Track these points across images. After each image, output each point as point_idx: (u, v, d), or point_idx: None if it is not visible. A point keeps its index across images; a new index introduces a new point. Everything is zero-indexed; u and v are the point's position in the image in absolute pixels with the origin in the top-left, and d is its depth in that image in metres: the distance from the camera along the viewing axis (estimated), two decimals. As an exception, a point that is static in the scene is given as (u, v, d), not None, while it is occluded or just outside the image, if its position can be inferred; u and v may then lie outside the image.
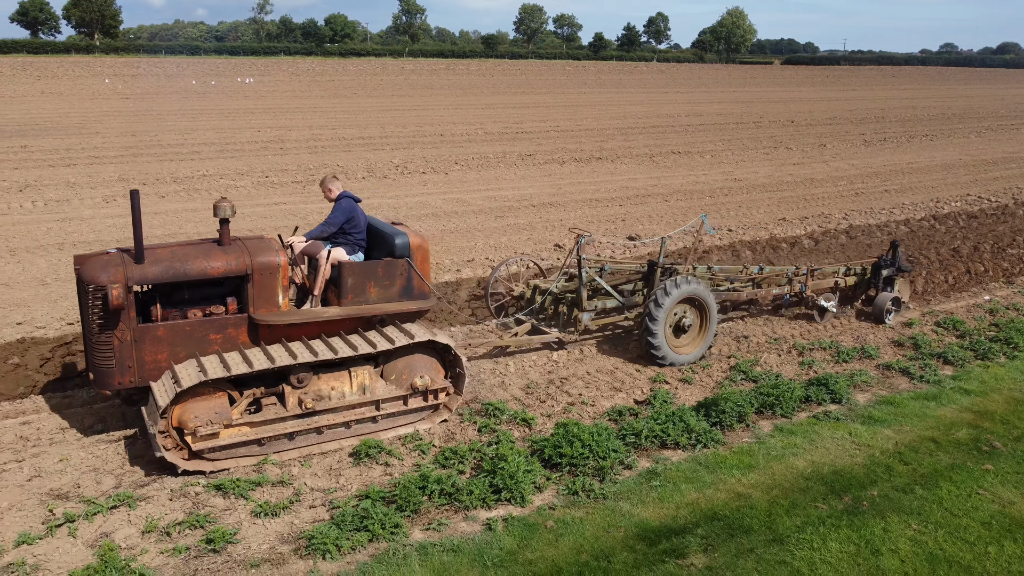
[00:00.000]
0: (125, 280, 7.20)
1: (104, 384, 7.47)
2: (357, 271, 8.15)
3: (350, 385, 7.81)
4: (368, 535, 6.36)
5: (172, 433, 7.13)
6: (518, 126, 37.62)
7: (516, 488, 6.98)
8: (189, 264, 7.51)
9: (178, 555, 6.16)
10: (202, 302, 7.80)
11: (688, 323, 10.10)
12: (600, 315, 10.49)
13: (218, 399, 7.26)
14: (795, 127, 40.70)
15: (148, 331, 7.39)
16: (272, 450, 7.56)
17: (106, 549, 6.02)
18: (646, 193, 22.02)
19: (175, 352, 7.48)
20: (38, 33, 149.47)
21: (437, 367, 8.31)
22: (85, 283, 7.20)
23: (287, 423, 7.58)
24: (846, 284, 12.16)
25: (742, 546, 6.42)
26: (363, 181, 22.52)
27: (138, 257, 7.33)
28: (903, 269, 12.23)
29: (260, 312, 7.74)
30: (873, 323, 11.82)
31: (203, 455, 7.26)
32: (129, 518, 6.63)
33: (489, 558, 6.19)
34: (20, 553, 6.13)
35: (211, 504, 6.85)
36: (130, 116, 38.02)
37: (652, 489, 7.21)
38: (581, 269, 10.15)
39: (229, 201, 7.70)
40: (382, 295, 8.26)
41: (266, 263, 7.70)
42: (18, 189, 19.80)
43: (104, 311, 7.14)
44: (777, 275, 11.77)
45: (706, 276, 10.96)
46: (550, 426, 8.40)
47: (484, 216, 18.47)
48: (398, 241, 8.31)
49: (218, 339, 7.65)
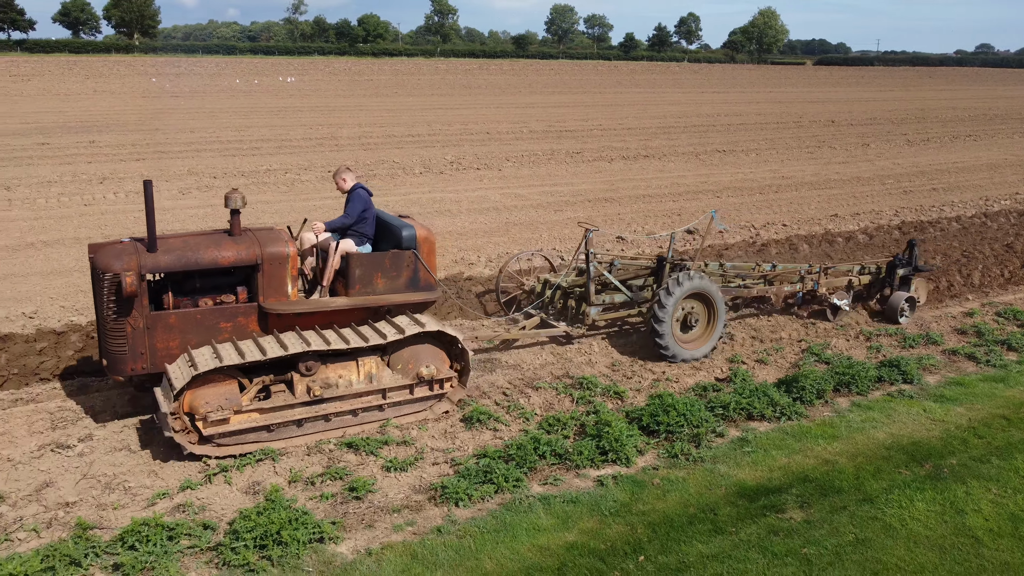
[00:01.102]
0: (138, 268, 7.34)
1: (117, 370, 7.63)
2: (365, 262, 8.30)
3: (357, 374, 7.96)
4: (494, 487, 7.03)
5: (183, 417, 7.27)
6: (561, 125, 38.20)
7: (621, 450, 7.61)
8: (200, 253, 7.67)
9: (325, 501, 6.87)
10: (213, 291, 7.95)
11: (696, 319, 10.09)
12: (608, 310, 10.57)
13: (228, 386, 7.38)
14: (836, 127, 40.86)
15: (160, 319, 7.55)
16: (280, 436, 7.69)
17: (272, 490, 6.75)
18: (696, 190, 22.52)
19: (186, 339, 7.64)
20: (79, 33, 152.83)
21: (443, 358, 8.40)
22: (99, 271, 7.35)
23: (295, 410, 7.71)
24: (860, 283, 12.02)
25: (835, 504, 7.00)
26: (420, 176, 23.27)
27: (151, 246, 7.49)
28: (920, 269, 12.11)
29: (269, 301, 7.90)
30: (887, 322, 11.75)
31: (213, 440, 7.39)
32: (275, 470, 7.36)
33: (605, 508, 6.84)
34: (186, 496, 6.88)
35: (345, 460, 7.57)
36: (184, 113, 39.18)
37: (745, 454, 7.81)
38: (589, 264, 10.24)
39: (240, 192, 7.90)
40: (389, 286, 8.41)
41: (275, 253, 7.85)
42: (98, 181, 20.80)
43: (117, 298, 7.29)
44: (789, 273, 11.65)
45: (717, 273, 10.98)
46: (640, 399, 9.02)
47: (543, 210, 19.11)
48: (405, 233, 8.45)
49: (228, 327, 7.80)
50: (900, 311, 11.67)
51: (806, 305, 11.97)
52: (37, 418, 8.21)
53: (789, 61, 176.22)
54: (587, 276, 10.24)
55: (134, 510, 6.68)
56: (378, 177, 22.77)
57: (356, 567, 5.99)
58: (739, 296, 11.30)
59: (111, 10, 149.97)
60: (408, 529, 6.51)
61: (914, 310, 11.92)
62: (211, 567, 5.98)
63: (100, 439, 7.75)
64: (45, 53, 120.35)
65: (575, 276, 11.03)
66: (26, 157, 24.53)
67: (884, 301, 12.05)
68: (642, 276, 11.08)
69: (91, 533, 6.21)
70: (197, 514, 6.60)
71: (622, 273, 10.99)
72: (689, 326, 10.11)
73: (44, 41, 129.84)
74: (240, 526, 6.16)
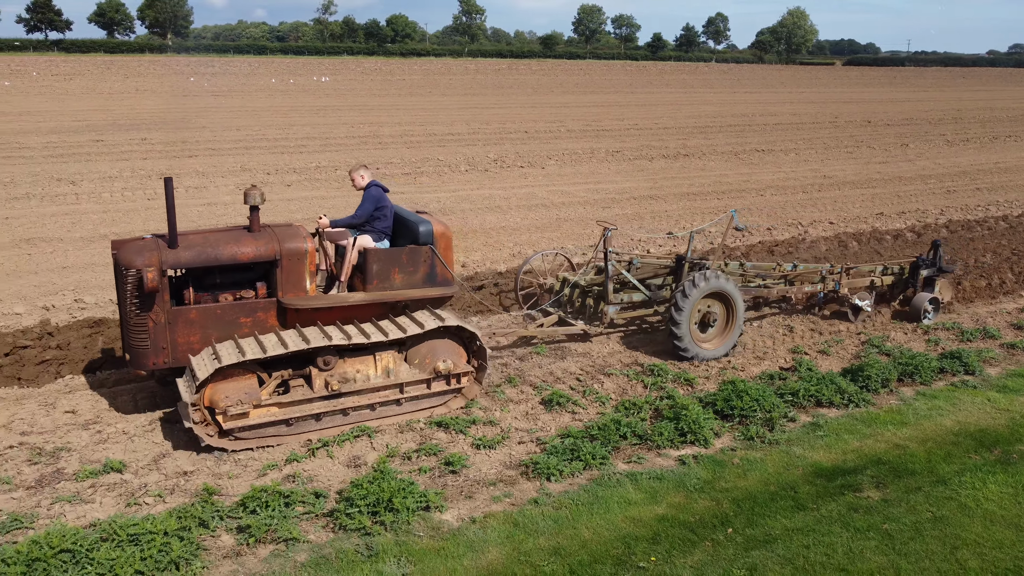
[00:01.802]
0: (159, 264, 7.42)
1: (139, 364, 7.70)
2: (382, 258, 8.35)
3: (375, 368, 8.02)
4: (582, 464, 7.41)
5: (203, 411, 7.37)
6: (597, 124, 38.50)
7: (699, 432, 7.96)
8: (220, 249, 7.75)
9: (423, 474, 7.28)
10: (233, 286, 8.03)
11: (715, 318, 10.08)
12: (627, 309, 10.58)
13: (248, 380, 7.48)
14: (873, 127, 40.76)
15: (181, 314, 7.64)
16: (299, 431, 7.77)
17: (381, 461, 7.18)
18: (739, 188, 22.75)
19: (207, 334, 7.74)
20: (114, 33, 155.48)
21: (460, 353, 8.46)
22: (122, 266, 7.46)
23: (314, 404, 7.80)
24: (883, 283, 11.94)
25: (910, 485, 7.29)
26: (466, 174, 23.71)
27: (172, 242, 7.57)
28: (944, 270, 11.98)
29: (288, 296, 7.96)
30: (909, 323, 11.63)
31: (232, 434, 7.48)
32: (372, 446, 7.80)
33: (690, 485, 7.19)
34: (292, 468, 7.33)
35: (436, 438, 7.98)
36: (226, 112, 39.98)
37: (818, 438, 8.12)
38: (607, 262, 10.26)
39: (259, 189, 7.94)
40: (406, 281, 8.45)
41: (294, 249, 7.92)
42: (158, 176, 21.46)
43: (139, 294, 7.40)
44: (810, 273, 11.55)
45: (737, 272, 10.93)
46: (709, 385, 9.36)
47: (591, 207, 19.45)
48: (422, 229, 8.50)
49: (248, 322, 7.89)
50: (924, 312, 11.55)
51: (827, 305, 11.91)
52: (141, 396, 8.73)
53: (818, 61, 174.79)
54: (606, 275, 10.29)
55: (247, 479, 7.15)
56: (425, 175, 23.25)
57: (463, 533, 6.40)
58: (759, 296, 11.31)
59: (145, 11, 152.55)
60: (506, 500, 6.91)
61: (938, 311, 11.79)
62: (327, 531, 6.42)
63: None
64: (81, 53, 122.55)
65: (594, 275, 11.06)
66: (84, 153, 25.32)
67: (907, 302, 11.97)
68: (661, 275, 11.05)
69: (215, 498, 6.68)
70: (306, 484, 7.05)
71: (641, 272, 11.00)
72: (708, 325, 10.10)
73: (80, 41, 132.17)
74: (354, 493, 6.58)
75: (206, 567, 5.91)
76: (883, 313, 11.94)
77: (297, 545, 6.19)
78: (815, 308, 11.94)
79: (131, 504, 6.70)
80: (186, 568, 5.83)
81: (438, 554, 6.13)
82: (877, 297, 12.06)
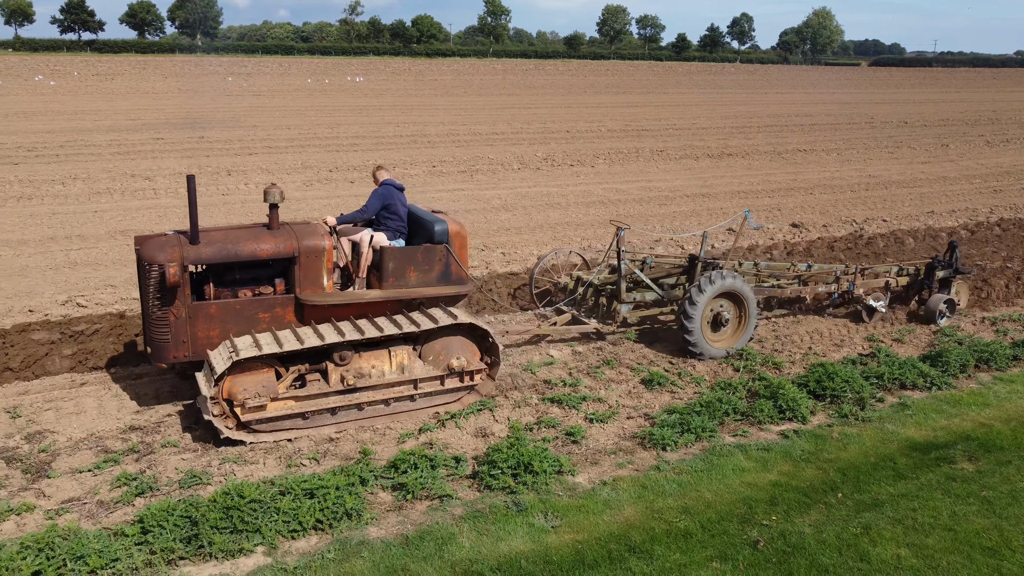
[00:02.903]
0: (181, 260, 7.61)
1: (160, 357, 7.90)
2: (398, 256, 8.49)
3: (390, 364, 8.18)
4: (693, 436, 8.03)
5: (222, 403, 7.55)
6: (635, 124, 39.03)
7: (797, 409, 8.56)
8: (240, 246, 7.94)
9: (547, 443, 7.92)
10: (252, 282, 8.21)
11: (727, 317, 10.13)
12: (640, 307, 10.72)
13: (265, 374, 7.65)
14: (910, 128, 40.98)
15: (201, 308, 7.82)
16: (314, 424, 7.94)
17: (516, 428, 7.86)
18: (788, 187, 23.22)
19: (226, 329, 7.91)
20: (144, 34, 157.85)
21: (473, 350, 8.60)
22: (144, 262, 7.65)
23: (329, 398, 7.96)
24: (897, 284, 11.95)
25: (1000, 458, 7.84)
26: (519, 172, 24.36)
27: (193, 239, 7.78)
28: (961, 271, 12.03)
29: (306, 293, 8.14)
30: (924, 324, 11.66)
31: (250, 426, 7.67)
32: (494, 418, 8.46)
33: (796, 455, 7.79)
34: (427, 437, 8.01)
35: (551, 412, 8.63)
36: (271, 111, 40.92)
37: (907, 417, 8.68)
38: (620, 261, 10.39)
39: (278, 187, 8.16)
40: (421, 279, 8.59)
41: (312, 246, 8.08)
42: (226, 173, 22.31)
43: (161, 289, 7.58)
44: (824, 273, 11.62)
45: (751, 272, 11.01)
46: (796, 369, 9.94)
47: (648, 204, 20.04)
48: (437, 228, 8.63)
49: (266, 318, 8.05)
50: (939, 313, 11.55)
51: (842, 305, 11.98)
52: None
53: (844, 62, 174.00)
54: (619, 274, 10.44)
55: (387, 446, 7.83)
56: (480, 172, 23.94)
57: (597, 493, 7.04)
58: (773, 296, 11.39)
59: (176, 11, 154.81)
60: (629, 467, 7.54)
61: (953, 312, 11.78)
62: (473, 490, 7.08)
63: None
64: (113, 53, 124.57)
65: (608, 274, 11.20)
66: (148, 151, 26.25)
67: (923, 303, 12.02)
68: (675, 274, 11.18)
69: (369, 459, 7.37)
70: (443, 450, 7.72)
71: (655, 271, 11.14)
72: (720, 324, 10.16)
73: (112, 41, 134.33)
74: (496, 457, 7.24)
75: (375, 518, 6.60)
76: (898, 314, 11.95)
77: (450, 501, 6.86)
78: (829, 308, 11.99)
79: (291, 465, 7.41)
80: (357, 519, 6.52)
81: (579, 510, 6.78)
82: (893, 298, 12.12)
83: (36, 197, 18.91)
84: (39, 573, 5.69)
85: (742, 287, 10.09)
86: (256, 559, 6.06)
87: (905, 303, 12.27)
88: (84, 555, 5.85)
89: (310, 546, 6.24)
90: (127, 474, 7.09)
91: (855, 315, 11.85)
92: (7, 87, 54.22)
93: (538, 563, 6.08)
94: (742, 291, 10.09)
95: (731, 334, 10.29)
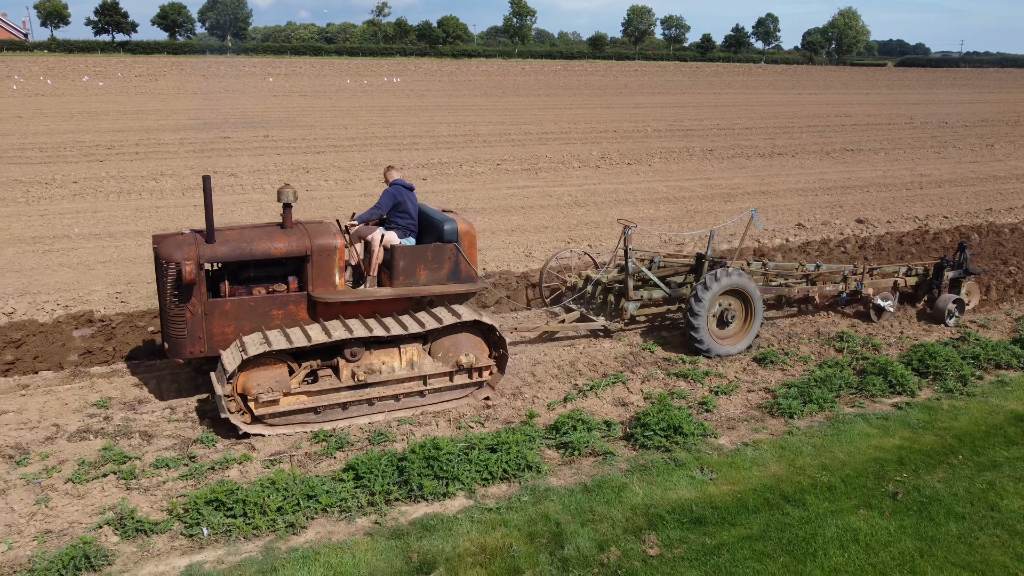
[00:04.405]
0: (197, 258, 7.80)
1: (177, 353, 8.06)
2: (408, 254, 8.66)
3: (400, 360, 8.36)
4: (815, 406, 8.83)
5: (237, 398, 7.76)
6: (679, 124, 39.73)
7: (906, 384, 9.33)
8: (254, 245, 8.12)
9: (682, 412, 8.75)
10: (266, 280, 8.40)
11: (733, 315, 10.28)
12: (647, 305, 10.90)
13: (278, 369, 7.87)
14: (951, 128, 41.38)
15: (217, 305, 8.01)
16: (326, 419, 8.14)
17: (662, 396, 8.71)
18: (843, 185, 23.88)
19: (241, 325, 8.10)
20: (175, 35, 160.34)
21: (482, 347, 8.78)
22: (162, 260, 7.85)
23: (341, 394, 8.15)
24: (906, 284, 12.08)
25: (1102, 428, 8.58)
26: (579, 170, 25.19)
27: (209, 237, 7.97)
28: (971, 272, 12.12)
29: (318, 290, 8.31)
30: (933, 324, 11.75)
31: (264, 420, 7.88)
32: (628, 390, 9.31)
33: (913, 423, 8.57)
34: (572, 405, 8.86)
35: (678, 385, 9.47)
36: (322, 111, 42.02)
37: (1008, 392, 9.43)
38: (628, 260, 10.59)
39: (292, 187, 8.33)
40: (431, 277, 8.76)
41: (324, 245, 8.25)
42: (304, 170, 23.32)
43: (178, 286, 7.77)
44: (832, 273, 11.74)
45: (759, 272, 11.18)
46: (892, 351, 10.69)
47: (712, 201, 20.81)
48: (447, 227, 8.81)
49: (280, 315, 8.24)
50: (947, 313, 11.65)
51: (850, 305, 12.14)
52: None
53: (869, 63, 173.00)
54: (626, 272, 10.64)
55: (539, 410, 8.69)
56: (543, 170, 24.80)
57: (742, 452, 7.87)
58: (781, 295, 11.55)
59: (206, 12, 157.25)
60: (764, 431, 8.36)
61: (962, 312, 11.84)
62: (630, 449, 7.93)
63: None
64: (146, 54, 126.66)
65: (616, 272, 11.41)
66: (219, 149, 27.34)
67: (932, 303, 12.07)
68: (682, 273, 11.41)
69: (536, 420, 8.25)
70: (590, 416, 8.56)
71: (663, 270, 11.36)
72: (726, 322, 10.33)
73: (144, 43, 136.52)
74: (648, 420, 8.08)
75: (551, 470, 7.46)
76: (907, 314, 12.08)
77: (612, 457, 7.71)
78: (838, 307, 12.16)
79: (459, 427, 8.29)
80: (537, 470, 7.38)
81: (730, 466, 7.61)
82: (903, 298, 12.25)
83: (134, 192, 20.00)
84: (281, 508, 6.60)
85: (747, 285, 10.23)
86: (460, 501, 6.95)
87: (915, 303, 12.34)
88: (315, 495, 6.77)
89: (502, 492, 7.11)
90: (323, 431, 8.01)
91: (863, 315, 11.91)
92: (59, 88, 55.80)
93: (706, 508, 6.92)
94: (748, 289, 10.24)
95: (737, 332, 10.46)
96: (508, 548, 6.30)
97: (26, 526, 6.47)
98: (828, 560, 6.25)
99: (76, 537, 6.28)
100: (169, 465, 7.36)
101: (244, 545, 6.30)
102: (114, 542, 6.27)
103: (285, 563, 6.06)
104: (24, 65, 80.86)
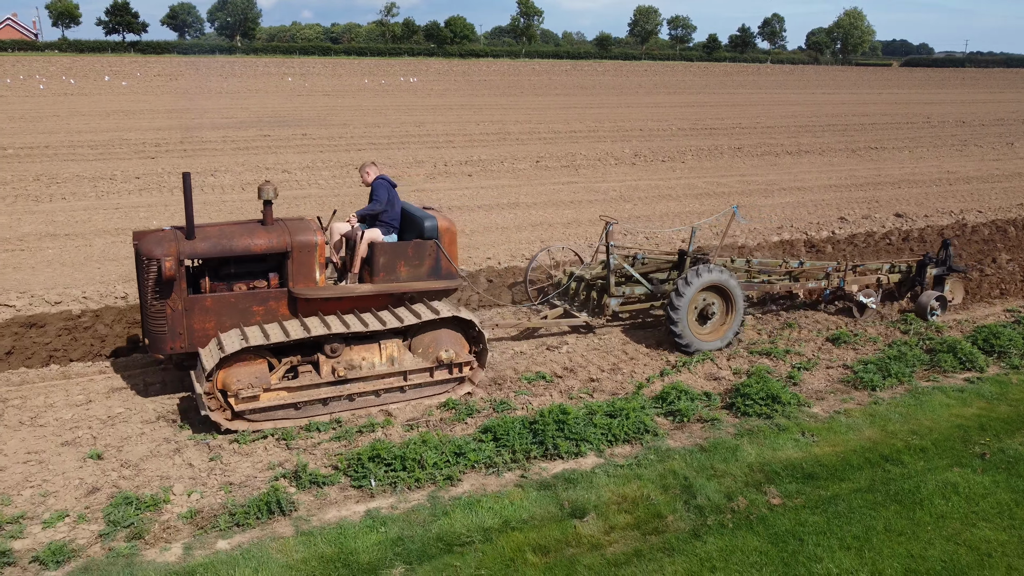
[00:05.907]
0: (177, 254, 7.84)
1: (157, 349, 8.10)
2: (389, 251, 8.71)
3: (380, 356, 8.38)
4: (895, 379, 9.56)
5: (217, 395, 7.79)
6: (701, 123, 40.46)
7: (975, 361, 10.06)
8: (235, 241, 8.14)
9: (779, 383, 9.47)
10: (247, 277, 8.41)
11: (714, 311, 10.32)
12: (630, 301, 11.00)
13: (258, 365, 7.90)
14: (969, 127, 42.08)
15: (197, 302, 8.04)
16: (307, 415, 8.18)
17: (757, 370, 9.45)
18: (874, 182, 24.59)
19: (221, 321, 8.12)
20: (184, 35, 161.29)
21: (462, 342, 8.83)
22: (142, 256, 7.87)
23: (321, 389, 8.19)
24: (889, 281, 12.10)
25: None
26: (616, 167, 25.93)
27: (189, 234, 8.00)
28: (955, 269, 12.18)
29: (299, 287, 8.33)
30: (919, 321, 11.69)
31: (244, 416, 7.91)
32: (717, 366, 10.04)
33: (986, 395, 9.30)
34: (668, 379, 9.58)
35: (761, 362, 10.19)
36: (352, 111, 42.79)
37: (1070, 369, 10.16)
38: (609, 256, 10.69)
39: (272, 184, 8.37)
40: (411, 274, 8.82)
41: (305, 242, 8.28)
42: (353, 166, 24.04)
43: (158, 282, 7.80)
44: (815, 270, 11.78)
45: (742, 268, 11.28)
46: (954, 333, 11.42)
47: (752, 196, 21.54)
48: (427, 224, 8.85)
49: (260, 311, 8.25)
50: (930, 310, 11.65)
51: (833, 302, 12.19)
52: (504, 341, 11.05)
53: (875, 62, 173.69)
54: (608, 268, 10.76)
55: (639, 380, 9.42)
56: (582, 167, 25.54)
57: (835, 419, 8.60)
58: (764, 291, 11.71)
59: (216, 12, 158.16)
60: (851, 402, 9.09)
61: (945, 309, 11.88)
62: (732, 417, 8.66)
63: (584, 340, 10.59)
64: (156, 54, 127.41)
65: (600, 268, 11.54)
66: (263, 147, 28.09)
67: (915, 300, 12.09)
68: (665, 269, 11.49)
69: (643, 391, 8.99)
70: (689, 388, 9.29)
71: (646, 266, 11.42)
72: (707, 318, 10.37)
73: (154, 43, 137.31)
74: (749, 391, 8.81)
75: (667, 433, 8.21)
76: (890, 310, 12.11)
77: (718, 423, 8.44)
78: (821, 304, 12.21)
79: (571, 398, 9.03)
80: (655, 434, 8.12)
81: (828, 431, 8.34)
82: (886, 294, 12.28)
83: (195, 188, 20.64)
84: (436, 464, 7.34)
85: (728, 281, 10.25)
86: (591, 460, 7.68)
87: (898, 300, 12.38)
88: (463, 452, 7.51)
89: (627, 452, 7.85)
90: (452, 400, 8.75)
91: (846, 311, 12.06)
92: (83, 87, 56.63)
93: (814, 465, 7.65)
94: (728, 285, 10.27)
95: (718, 327, 10.49)
96: (646, 497, 7.03)
97: (207, 479, 7.22)
98: (934, 508, 6.98)
99: (256, 488, 7.02)
100: (320, 429, 8.10)
101: (410, 495, 7.04)
102: (291, 492, 7.01)
103: (452, 508, 6.80)
104: (40, 65, 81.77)
